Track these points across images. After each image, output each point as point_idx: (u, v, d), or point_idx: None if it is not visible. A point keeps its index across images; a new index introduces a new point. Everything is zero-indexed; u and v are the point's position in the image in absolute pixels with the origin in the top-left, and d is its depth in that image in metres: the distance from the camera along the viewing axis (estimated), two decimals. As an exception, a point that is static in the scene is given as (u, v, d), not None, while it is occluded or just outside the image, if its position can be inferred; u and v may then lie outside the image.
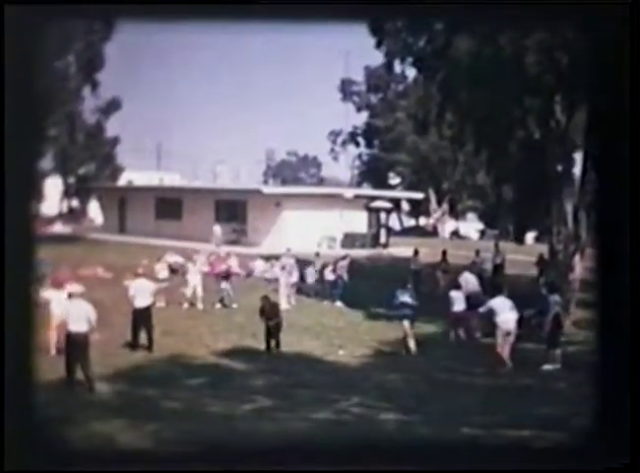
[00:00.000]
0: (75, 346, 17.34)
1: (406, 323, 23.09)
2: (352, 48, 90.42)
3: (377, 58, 71.63)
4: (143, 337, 21.54)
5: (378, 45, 34.44)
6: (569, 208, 29.37)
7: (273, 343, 22.40)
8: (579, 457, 7.23)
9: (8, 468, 6.88)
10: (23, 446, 7.03)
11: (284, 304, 28.93)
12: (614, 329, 7.16)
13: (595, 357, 7.25)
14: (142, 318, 21.56)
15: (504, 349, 21.09)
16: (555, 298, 21.84)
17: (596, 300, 7.54)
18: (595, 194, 7.67)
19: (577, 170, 30.17)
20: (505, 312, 21.31)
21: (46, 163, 65.96)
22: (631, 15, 6.92)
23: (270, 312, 22.72)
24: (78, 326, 17.39)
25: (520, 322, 21.60)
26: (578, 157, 30.40)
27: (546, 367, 20.78)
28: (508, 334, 21.21)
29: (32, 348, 7.30)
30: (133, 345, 21.44)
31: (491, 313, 21.54)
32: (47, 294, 20.32)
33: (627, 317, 7.03)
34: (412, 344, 23.01)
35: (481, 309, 22.33)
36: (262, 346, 22.46)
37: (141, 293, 21.80)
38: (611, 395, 7.20)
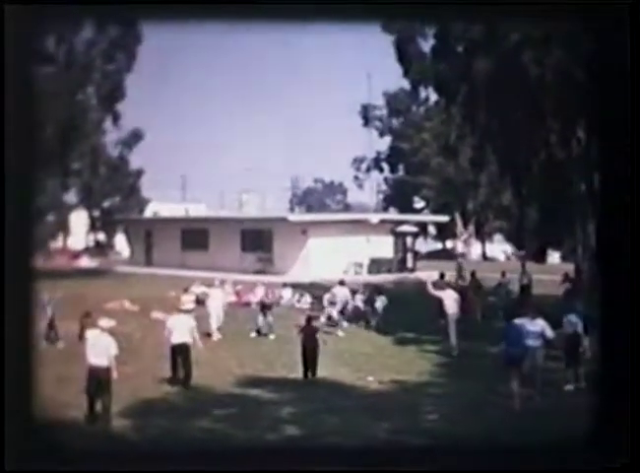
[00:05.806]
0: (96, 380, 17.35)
1: None
2: (373, 72, 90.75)
3: (396, 81, 71.44)
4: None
5: (406, 74, 34.73)
6: (593, 227, 29.24)
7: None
8: (579, 457, 7.16)
9: (8, 468, 6.91)
10: (23, 446, 7.04)
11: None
12: (614, 329, 7.10)
13: (595, 356, 7.25)
14: (179, 355, 21.10)
15: None
16: (572, 317, 21.44)
17: (597, 299, 7.49)
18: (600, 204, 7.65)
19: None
20: None
21: (71, 196, 66.48)
22: (631, 15, 6.90)
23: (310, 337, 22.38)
24: (99, 360, 17.43)
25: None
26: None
27: (568, 386, 20.46)
28: None
29: (32, 347, 7.32)
30: (172, 381, 21.06)
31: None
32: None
33: (627, 318, 6.98)
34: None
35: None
36: (291, 375, 22.37)
37: (179, 329, 21.15)
38: (611, 395, 7.14)
